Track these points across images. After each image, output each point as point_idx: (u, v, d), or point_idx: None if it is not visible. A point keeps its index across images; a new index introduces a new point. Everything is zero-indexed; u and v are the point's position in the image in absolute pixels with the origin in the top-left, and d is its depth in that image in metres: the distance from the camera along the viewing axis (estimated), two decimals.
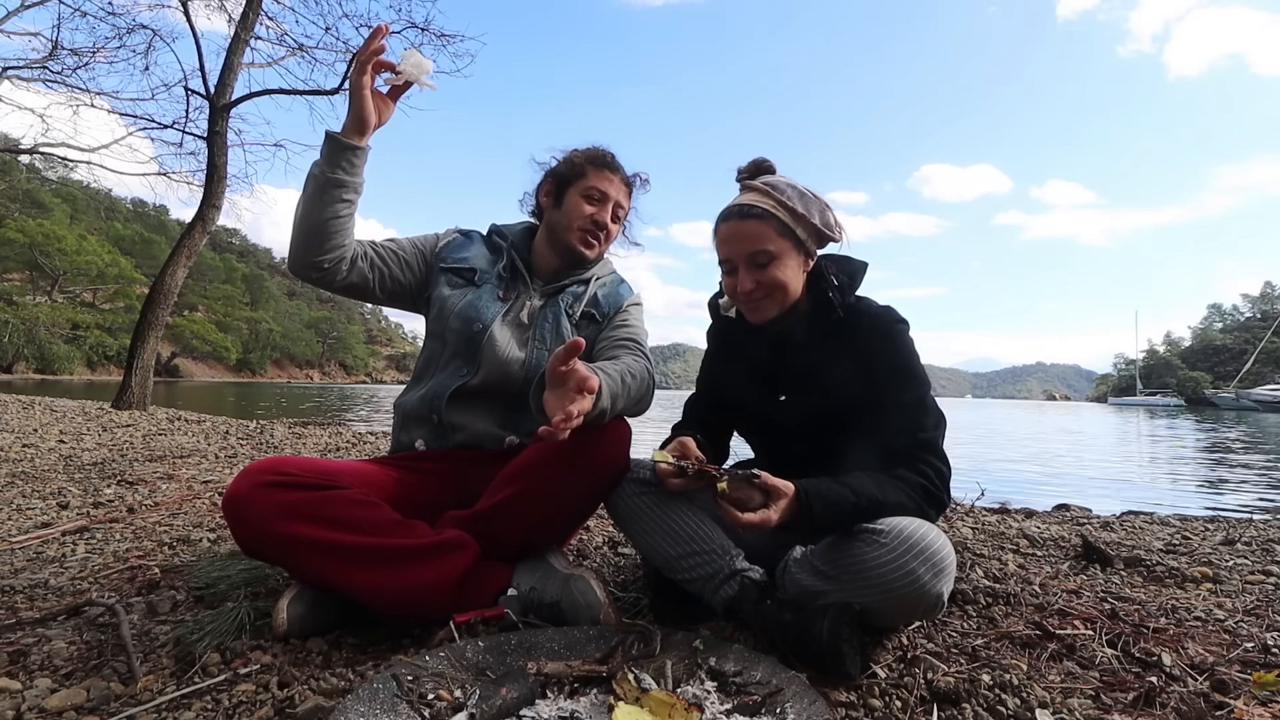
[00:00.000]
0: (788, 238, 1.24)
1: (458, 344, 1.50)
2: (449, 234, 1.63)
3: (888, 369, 1.22)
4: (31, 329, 52.02)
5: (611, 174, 1.56)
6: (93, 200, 68.59)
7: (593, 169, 1.55)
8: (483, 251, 1.61)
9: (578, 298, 1.60)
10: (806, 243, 1.25)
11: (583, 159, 1.56)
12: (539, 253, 1.61)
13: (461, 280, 1.56)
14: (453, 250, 1.59)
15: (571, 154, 1.59)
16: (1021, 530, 2.28)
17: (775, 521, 1.06)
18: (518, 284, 1.58)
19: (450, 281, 1.56)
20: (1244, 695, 1.01)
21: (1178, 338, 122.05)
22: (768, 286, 1.25)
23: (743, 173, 1.31)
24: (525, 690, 0.93)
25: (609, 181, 1.55)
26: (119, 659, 1.12)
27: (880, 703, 1.00)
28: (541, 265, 1.61)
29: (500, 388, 1.50)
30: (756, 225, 1.23)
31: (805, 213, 1.23)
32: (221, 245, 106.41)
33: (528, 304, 1.56)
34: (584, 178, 1.54)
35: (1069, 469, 6.63)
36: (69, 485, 2.89)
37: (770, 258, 1.24)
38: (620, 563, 1.79)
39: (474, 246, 1.61)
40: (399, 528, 1.23)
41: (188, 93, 8.30)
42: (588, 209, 1.53)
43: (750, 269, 1.25)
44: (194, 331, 72.94)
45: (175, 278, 7.92)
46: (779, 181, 1.25)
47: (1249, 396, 56.59)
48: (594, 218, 1.54)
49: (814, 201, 1.25)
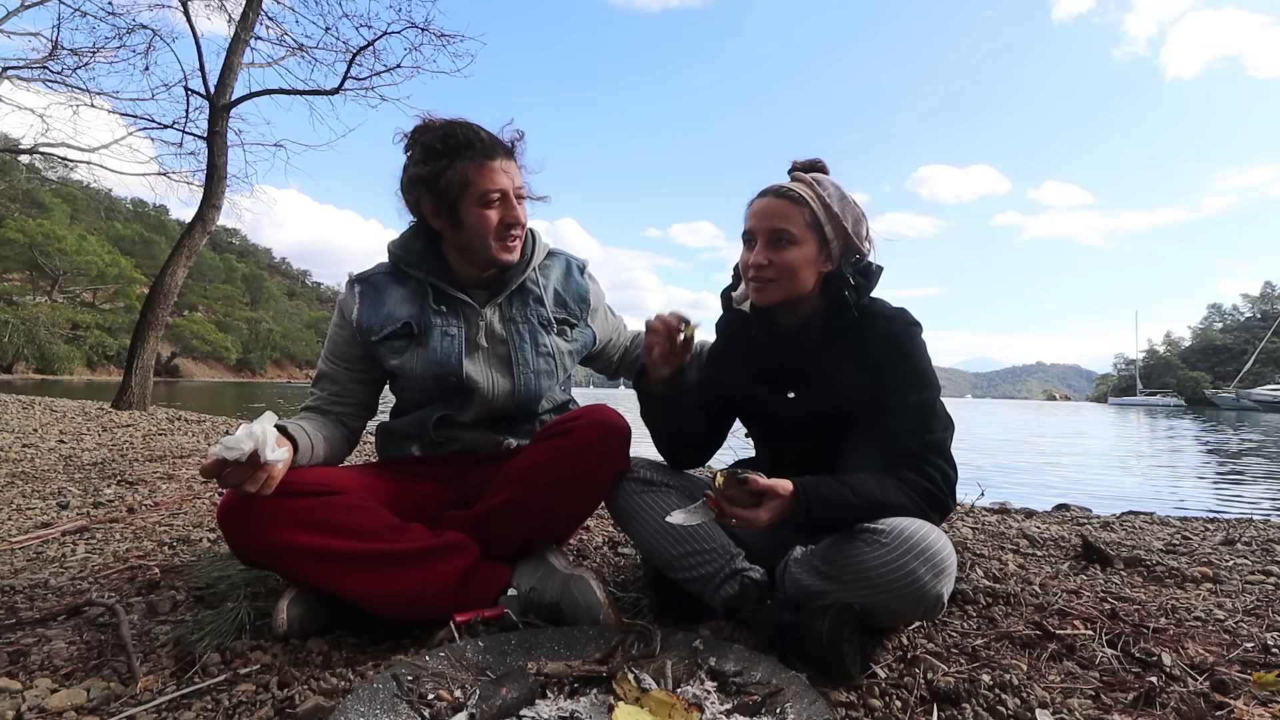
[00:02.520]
0: (814, 230, 1.24)
1: (439, 392, 1.43)
2: (350, 297, 1.42)
3: (898, 370, 1.22)
4: (31, 329, 52.02)
5: (494, 162, 1.33)
6: (93, 200, 68.53)
7: (475, 170, 1.31)
8: (398, 294, 1.41)
9: (537, 300, 1.48)
10: (831, 243, 1.25)
11: (461, 166, 1.31)
12: (460, 270, 1.43)
13: (402, 341, 1.40)
14: (369, 316, 1.39)
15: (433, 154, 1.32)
16: (1021, 530, 2.28)
17: (765, 521, 1.06)
18: (457, 308, 1.43)
19: (391, 349, 1.39)
20: (1244, 695, 1.01)
21: (1178, 338, 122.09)
22: (778, 268, 1.24)
23: (797, 166, 1.31)
24: (525, 690, 0.93)
25: (497, 173, 1.32)
26: (119, 659, 1.12)
27: (880, 703, 1.00)
28: (470, 278, 1.44)
29: (492, 415, 1.46)
30: (788, 206, 1.24)
31: (840, 214, 1.23)
32: (221, 245, 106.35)
33: (481, 324, 1.43)
34: (471, 185, 1.31)
35: (1069, 469, 6.63)
36: (69, 485, 2.89)
37: (790, 241, 1.23)
38: (620, 563, 1.78)
39: (386, 292, 1.41)
40: (396, 532, 1.23)
41: (188, 93, 8.30)
42: (493, 216, 1.34)
43: (767, 245, 1.25)
44: (194, 331, 72.92)
45: (175, 278, 7.92)
46: (826, 180, 1.26)
47: (1249, 396, 56.60)
48: (504, 221, 1.35)
49: (853, 209, 1.26)
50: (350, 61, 8.53)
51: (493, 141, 1.35)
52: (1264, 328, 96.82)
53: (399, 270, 1.44)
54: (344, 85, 8.66)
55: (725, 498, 1.08)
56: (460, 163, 1.31)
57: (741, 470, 1.08)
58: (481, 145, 1.33)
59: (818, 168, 1.30)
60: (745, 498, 1.07)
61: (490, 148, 1.33)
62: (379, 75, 8.77)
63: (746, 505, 1.07)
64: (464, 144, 1.32)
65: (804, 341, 1.29)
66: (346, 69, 8.56)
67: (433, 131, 1.34)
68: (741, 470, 1.08)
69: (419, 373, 1.40)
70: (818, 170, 1.29)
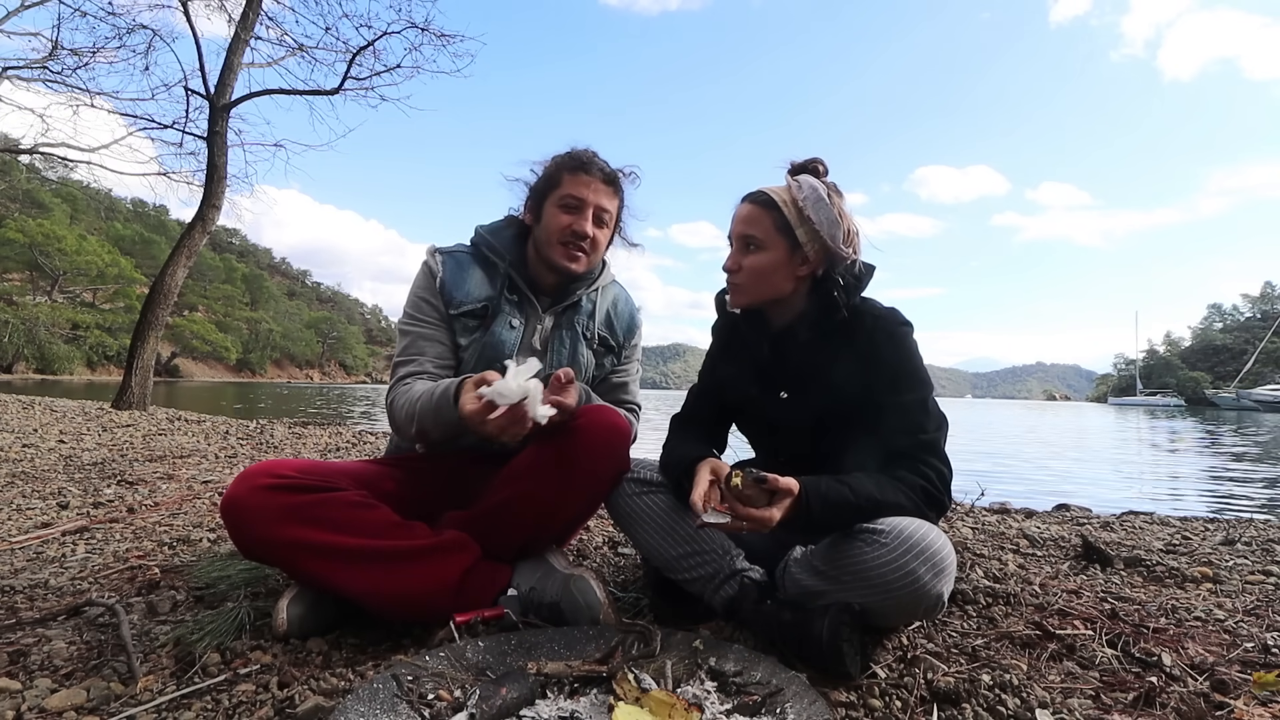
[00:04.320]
0: (783, 235, 1.24)
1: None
2: (434, 263, 1.48)
3: (890, 370, 1.22)
4: (31, 329, 52.01)
5: (587, 176, 1.43)
6: (93, 200, 68.62)
7: (566, 174, 1.44)
8: (479, 275, 1.48)
9: (589, 315, 1.56)
10: (805, 246, 1.24)
11: (555, 166, 1.45)
12: (534, 268, 1.51)
13: (475, 321, 1.46)
14: (453, 289, 1.45)
15: (553, 160, 1.48)
16: (1021, 530, 2.28)
17: (776, 520, 1.06)
18: (525, 306, 1.50)
19: (464, 327, 1.45)
20: (1244, 695, 1.01)
21: (1178, 338, 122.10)
22: (746, 272, 1.27)
23: (793, 166, 1.31)
24: (525, 690, 0.93)
25: (585, 185, 1.43)
26: (119, 659, 1.12)
27: (880, 703, 1.00)
28: (540, 280, 1.52)
29: None
30: (758, 212, 1.26)
31: (814, 219, 1.22)
32: (221, 245, 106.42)
33: (539, 327, 1.50)
34: (558, 186, 1.43)
35: (1069, 469, 6.63)
36: (69, 485, 2.89)
37: (757, 245, 1.25)
38: (620, 563, 1.79)
39: (468, 271, 1.48)
40: (397, 529, 1.23)
41: (188, 93, 8.30)
42: (565, 219, 1.43)
43: (738, 250, 1.29)
44: (194, 331, 72.92)
45: (175, 278, 7.92)
46: (808, 183, 1.24)
47: (1249, 396, 56.59)
48: (573, 228, 1.43)
49: (829, 214, 1.22)
50: (350, 61, 8.54)
51: (593, 160, 1.47)
52: (1264, 328, 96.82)
53: (481, 254, 1.51)
54: (344, 85, 8.67)
55: (741, 499, 1.06)
56: (559, 166, 1.45)
57: (753, 469, 1.07)
58: (582, 162, 1.45)
59: (811, 168, 1.29)
60: (761, 497, 1.06)
61: (590, 165, 1.45)
62: (379, 75, 8.80)
63: (761, 505, 1.06)
64: (574, 157, 1.46)
65: (795, 342, 1.30)
66: (346, 69, 8.58)
67: (566, 151, 1.49)
68: (753, 469, 1.07)
69: (475, 355, 1.44)
70: (809, 171, 1.29)
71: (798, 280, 1.27)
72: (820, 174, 1.28)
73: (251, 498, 1.17)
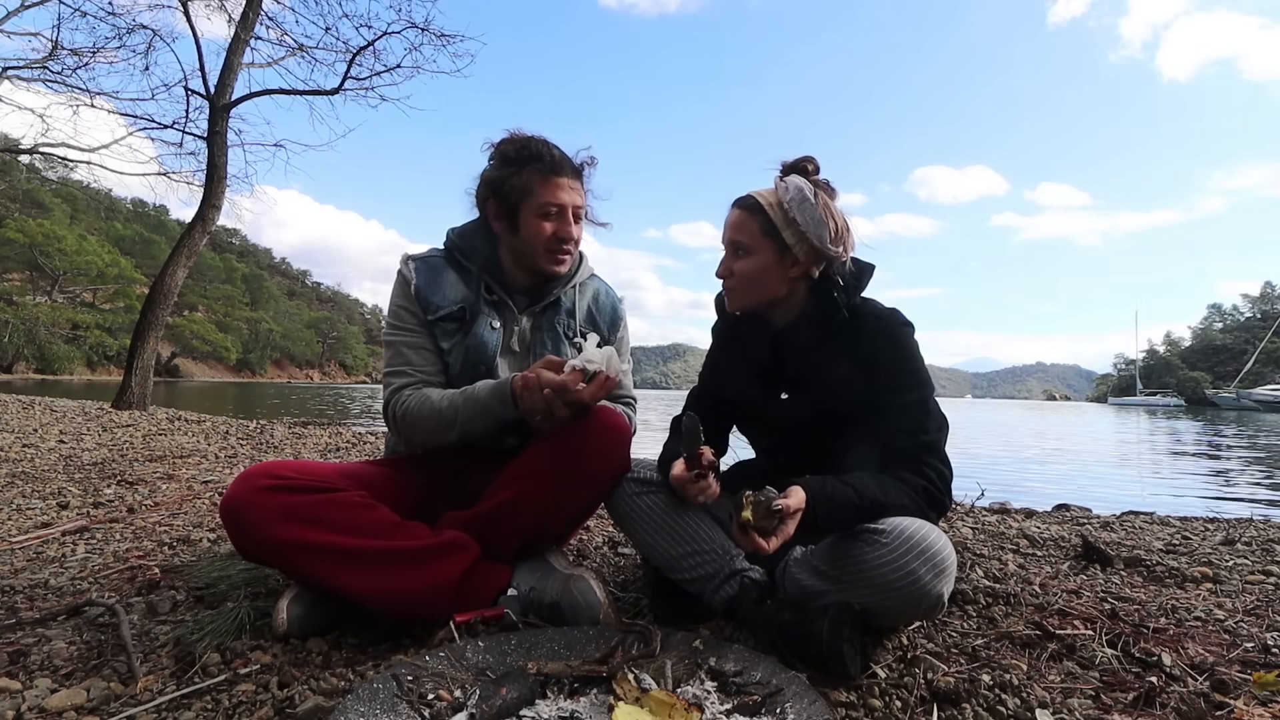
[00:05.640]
0: (770, 238, 1.23)
1: (460, 382, 1.43)
2: (408, 271, 1.46)
3: (891, 370, 1.22)
4: (31, 329, 52.03)
5: (559, 178, 1.39)
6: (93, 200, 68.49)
7: (539, 181, 1.38)
8: (453, 278, 1.46)
9: (569, 313, 1.54)
10: (794, 248, 1.23)
11: (525, 174, 1.38)
12: (509, 271, 1.48)
13: (454, 324, 1.44)
14: (429, 294, 1.44)
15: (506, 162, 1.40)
16: (1021, 530, 2.28)
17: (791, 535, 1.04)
18: (501, 308, 1.49)
19: (445, 331, 1.44)
20: (1244, 695, 1.01)
21: (1178, 338, 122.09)
22: (737, 276, 1.28)
23: (784, 166, 1.29)
24: (525, 690, 0.93)
25: (560, 189, 1.39)
26: (119, 659, 1.12)
27: (880, 703, 1.00)
28: (516, 282, 1.49)
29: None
30: (744, 216, 1.26)
31: (800, 221, 1.21)
32: (221, 245, 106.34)
33: (516, 329, 1.49)
34: (532, 195, 1.38)
35: (1069, 469, 6.63)
36: (69, 485, 2.89)
37: (745, 250, 1.26)
38: (620, 563, 1.79)
39: (442, 275, 1.46)
40: (397, 529, 1.23)
41: (188, 93, 8.31)
42: (548, 227, 1.40)
43: (729, 255, 1.30)
44: (194, 331, 72.96)
45: (175, 278, 7.92)
46: (794, 183, 1.23)
47: (1250, 396, 56.59)
48: (558, 234, 1.41)
49: (814, 214, 1.21)
50: (350, 61, 8.55)
51: (563, 159, 1.41)
52: (1264, 328, 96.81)
53: (454, 258, 1.49)
54: (344, 85, 8.68)
55: (757, 529, 1.03)
56: (528, 172, 1.38)
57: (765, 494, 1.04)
58: (551, 160, 1.39)
59: (800, 167, 1.28)
60: (774, 522, 1.04)
61: (559, 164, 1.40)
62: (379, 75, 8.80)
63: (774, 528, 1.04)
64: (535, 156, 1.39)
65: (795, 342, 1.30)
66: (346, 69, 8.59)
67: (512, 142, 1.42)
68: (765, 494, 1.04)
69: (458, 359, 1.43)
70: (799, 170, 1.28)
71: (791, 282, 1.27)
72: (810, 173, 1.27)
73: (251, 498, 1.17)
